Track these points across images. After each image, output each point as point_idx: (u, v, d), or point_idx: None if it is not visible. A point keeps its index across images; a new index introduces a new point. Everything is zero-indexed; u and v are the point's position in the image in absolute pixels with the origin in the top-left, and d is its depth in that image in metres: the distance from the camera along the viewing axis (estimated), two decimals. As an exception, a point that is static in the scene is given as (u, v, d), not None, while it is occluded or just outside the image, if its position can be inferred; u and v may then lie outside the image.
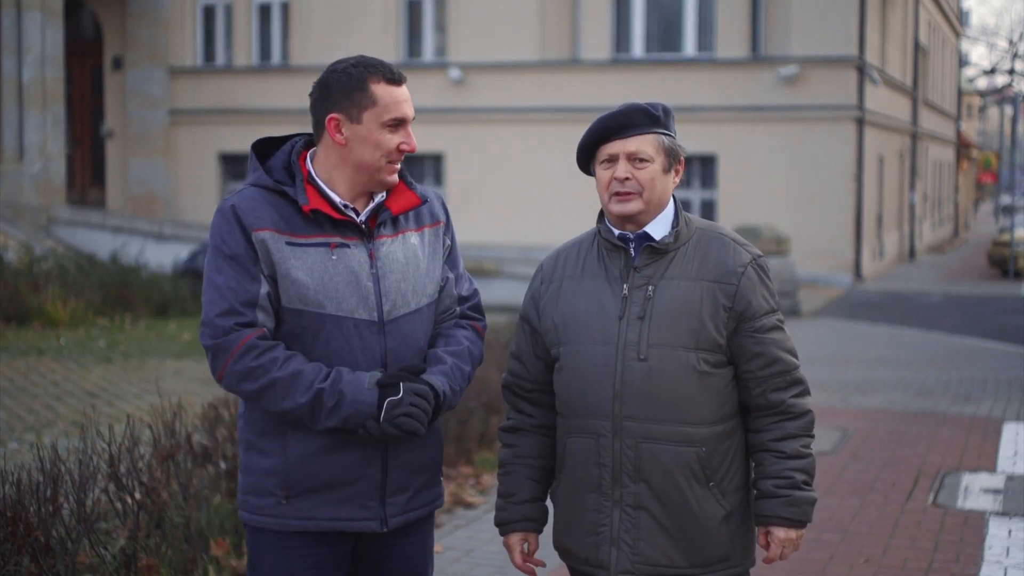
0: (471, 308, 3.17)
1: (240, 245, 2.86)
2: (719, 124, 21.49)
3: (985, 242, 34.45)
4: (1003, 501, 6.83)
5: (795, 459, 2.96)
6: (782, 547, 2.99)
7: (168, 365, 11.54)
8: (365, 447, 2.92)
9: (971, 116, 63.06)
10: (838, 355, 13.34)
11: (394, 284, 2.96)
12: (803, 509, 2.97)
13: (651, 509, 2.93)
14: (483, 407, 7.75)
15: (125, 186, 24.78)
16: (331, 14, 23.49)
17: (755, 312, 2.95)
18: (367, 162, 2.92)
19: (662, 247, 2.96)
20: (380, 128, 2.91)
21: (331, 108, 2.92)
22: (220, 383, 2.89)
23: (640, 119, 2.97)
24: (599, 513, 2.97)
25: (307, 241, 2.89)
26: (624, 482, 2.94)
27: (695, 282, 2.94)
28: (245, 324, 2.84)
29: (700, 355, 2.91)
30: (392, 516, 2.98)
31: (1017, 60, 53.66)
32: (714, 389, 2.94)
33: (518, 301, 16.13)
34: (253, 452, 2.96)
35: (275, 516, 2.94)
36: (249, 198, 2.91)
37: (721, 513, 2.95)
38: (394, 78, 2.93)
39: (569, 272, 3.06)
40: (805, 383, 3.03)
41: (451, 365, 3.00)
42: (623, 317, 2.94)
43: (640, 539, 2.94)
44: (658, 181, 2.97)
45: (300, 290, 2.87)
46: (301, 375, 2.82)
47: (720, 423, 2.95)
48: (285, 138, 3.07)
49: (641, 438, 2.91)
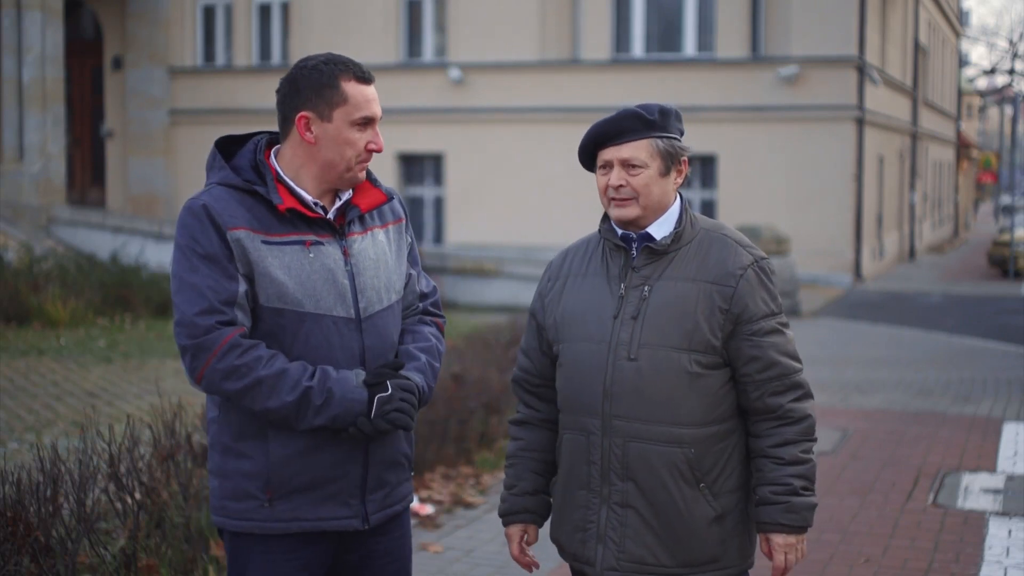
0: (432, 304, 3.20)
1: (215, 244, 2.81)
2: (719, 124, 21.49)
3: (985, 242, 34.45)
4: (1003, 501, 6.83)
5: (793, 465, 2.95)
6: (784, 553, 2.98)
7: (168, 365, 11.53)
8: (347, 445, 2.90)
9: (971, 116, 63.06)
10: (838, 355, 13.34)
11: (368, 281, 2.96)
12: (802, 515, 2.96)
13: (638, 507, 2.93)
14: (483, 407, 7.75)
15: (125, 186, 24.78)
16: (331, 14, 23.49)
17: (753, 315, 2.93)
18: (335, 161, 2.90)
19: (660, 248, 2.97)
20: (350, 127, 2.89)
21: (301, 106, 2.89)
22: (198, 384, 2.83)
23: (633, 124, 2.97)
24: (587, 510, 2.99)
25: (283, 240, 2.86)
26: (612, 480, 2.95)
27: (692, 283, 2.93)
28: (226, 323, 2.80)
29: (692, 356, 2.90)
30: (372, 513, 2.98)
31: (1017, 60, 53.68)
32: (706, 390, 2.93)
33: (518, 301, 16.25)
34: (231, 456, 2.91)
35: (257, 520, 2.90)
36: (219, 197, 2.87)
37: (711, 514, 2.94)
38: (364, 76, 2.92)
39: (574, 270, 3.08)
40: (805, 387, 3.01)
41: (424, 362, 3.02)
42: (618, 316, 2.95)
43: (626, 537, 2.94)
44: (654, 186, 2.96)
45: (279, 289, 2.84)
46: (287, 373, 2.80)
47: (713, 424, 2.94)
48: (245, 136, 3.05)
49: (629, 437, 2.92)
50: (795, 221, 21.03)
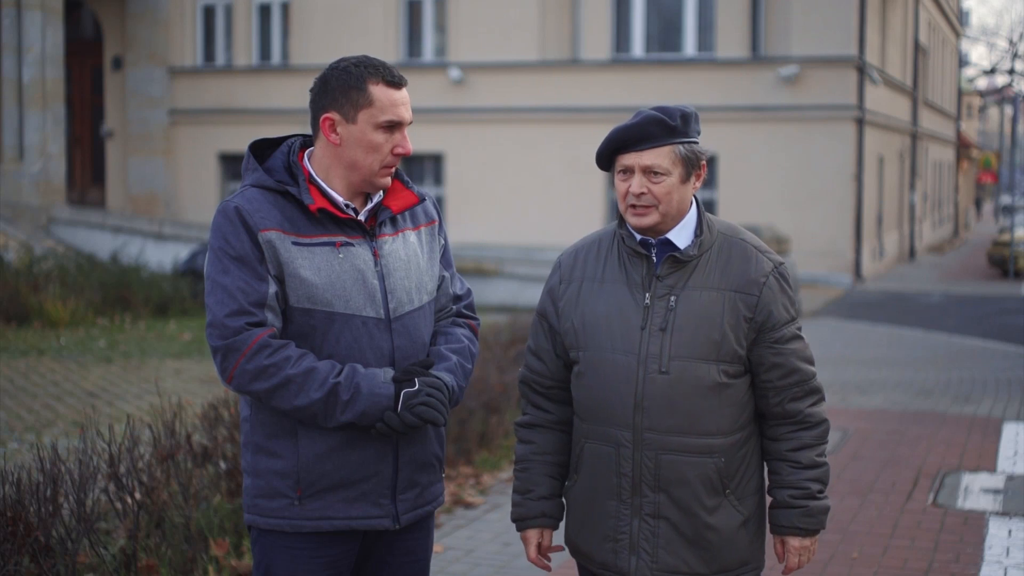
0: (466, 307, 3.21)
1: (246, 246, 2.85)
2: (719, 124, 21.47)
3: (985, 242, 34.45)
4: (1003, 501, 6.83)
5: (811, 469, 2.98)
6: (799, 556, 3.02)
7: (168, 365, 11.54)
8: (377, 444, 2.92)
9: (971, 116, 63.08)
10: (838, 355, 13.34)
11: (399, 282, 2.97)
12: (818, 519, 2.99)
13: (671, 518, 2.93)
14: (483, 407, 7.75)
15: (125, 186, 24.78)
16: (331, 14, 23.49)
17: (776, 322, 2.94)
18: (359, 163, 2.92)
19: (685, 257, 2.94)
20: (374, 129, 2.90)
21: (328, 106, 2.91)
22: (229, 384, 2.86)
23: (656, 131, 2.90)
24: (618, 520, 2.98)
25: (313, 241, 2.89)
26: (644, 492, 2.94)
27: (717, 292, 2.92)
28: (256, 324, 2.83)
29: (720, 367, 2.90)
30: (403, 513, 3.00)
31: (1017, 60, 53.66)
32: (733, 399, 2.93)
33: (518, 301, 16.21)
34: (263, 455, 2.94)
35: (288, 518, 2.92)
36: (252, 198, 2.90)
37: (739, 519, 2.96)
38: (394, 80, 2.93)
39: (589, 273, 3.04)
40: (821, 392, 3.03)
41: (456, 362, 3.02)
42: (645, 328, 2.92)
43: (659, 547, 2.94)
44: (675, 193, 2.93)
45: (309, 290, 2.87)
46: (315, 371, 2.82)
47: (738, 432, 2.95)
48: (280, 139, 3.07)
49: (661, 450, 2.91)
50: (795, 221, 21.03)
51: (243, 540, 5.22)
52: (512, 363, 8.46)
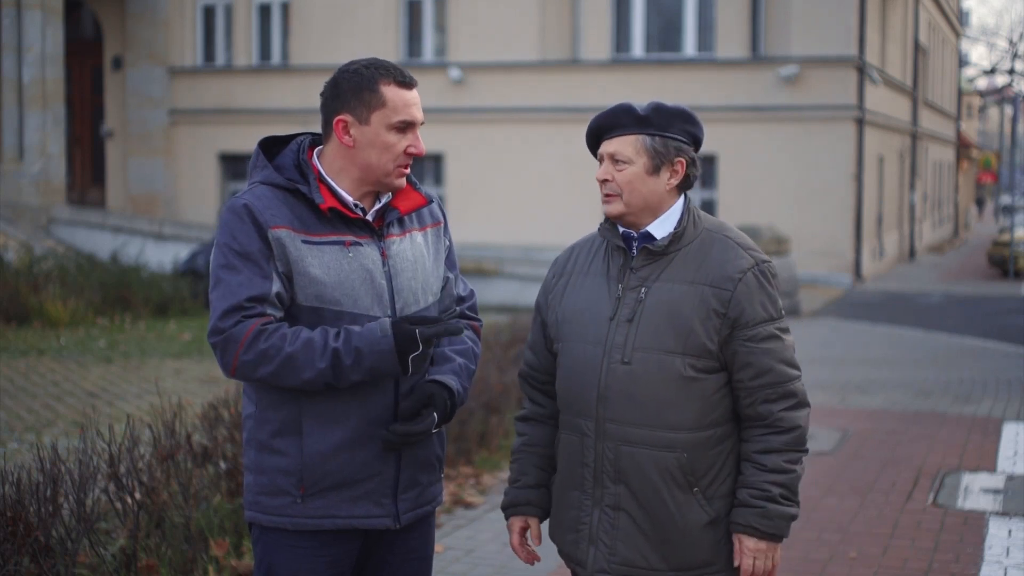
0: (469, 308, 3.23)
1: (254, 242, 2.86)
2: (719, 124, 21.46)
3: (985, 242, 34.45)
4: (1003, 501, 6.83)
5: (775, 473, 2.89)
6: (753, 558, 2.92)
7: (168, 365, 11.54)
8: (380, 445, 2.93)
9: (971, 116, 63.08)
10: (838, 355, 13.34)
11: (406, 282, 2.99)
12: (776, 523, 2.90)
13: (630, 511, 2.92)
14: (483, 407, 7.75)
15: (125, 186, 24.78)
16: (331, 14, 23.49)
17: (749, 320, 2.89)
18: (374, 164, 2.94)
19: (658, 249, 2.94)
20: (388, 130, 2.92)
21: (340, 108, 2.93)
22: (232, 375, 2.87)
23: (624, 120, 2.95)
24: (580, 511, 2.99)
25: (323, 239, 2.91)
26: (605, 483, 2.94)
27: (690, 285, 2.90)
28: (251, 316, 2.85)
29: (687, 360, 2.87)
30: (404, 512, 3.01)
31: (1017, 60, 53.67)
32: (700, 394, 2.89)
33: (518, 301, 16.25)
34: (266, 452, 2.95)
35: (290, 516, 2.94)
36: (261, 196, 2.91)
37: (704, 519, 2.92)
38: (405, 81, 2.95)
39: (579, 268, 3.07)
40: (799, 396, 2.93)
41: (460, 364, 3.05)
42: (613, 318, 2.94)
43: (617, 539, 2.93)
44: (639, 183, 2.93)
45: (318, 288, 2.88)
46: (312, 341, 2.83)
47: (707, 429, 2.91)
48: (288, 137, 3.08)
49: (621, 441, 2.91)
50: (795, 221, 21.03)
51: (243, 540, 5.22)
52: (512, 363, 8.45)
